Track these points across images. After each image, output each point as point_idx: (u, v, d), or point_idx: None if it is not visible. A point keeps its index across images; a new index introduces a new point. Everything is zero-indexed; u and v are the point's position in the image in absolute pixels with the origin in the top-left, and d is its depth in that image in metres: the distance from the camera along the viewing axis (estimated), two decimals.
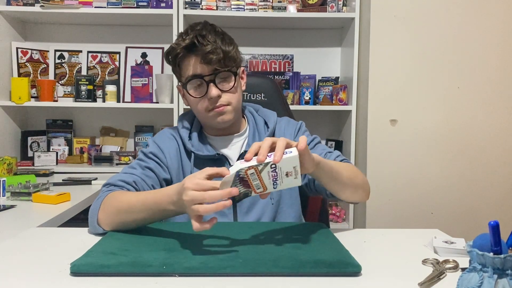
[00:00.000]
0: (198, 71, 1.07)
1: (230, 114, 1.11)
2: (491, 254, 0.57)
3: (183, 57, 1.08)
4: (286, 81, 2.51)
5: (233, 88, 1.10)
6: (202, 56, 1.05)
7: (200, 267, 0.75)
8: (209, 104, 1.08)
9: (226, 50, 1.07)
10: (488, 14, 2.16)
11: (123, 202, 0.95)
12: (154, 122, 2.60)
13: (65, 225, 1.31)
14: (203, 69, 1.07)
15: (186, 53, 1.07)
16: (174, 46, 1.09)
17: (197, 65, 1.07)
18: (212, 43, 1.05)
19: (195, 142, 1.14)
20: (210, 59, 1.05)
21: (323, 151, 1.15)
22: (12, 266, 0.78)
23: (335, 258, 0.79)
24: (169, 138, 1.16)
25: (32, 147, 2.49)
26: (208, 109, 1.09)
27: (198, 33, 1.06)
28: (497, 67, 2.18)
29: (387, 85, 2.18)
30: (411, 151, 2.20)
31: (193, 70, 1.07)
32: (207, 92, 1.07)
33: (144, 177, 1.07)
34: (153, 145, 1.14)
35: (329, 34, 2.63)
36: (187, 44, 1.06)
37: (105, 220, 0.97)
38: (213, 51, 1.05)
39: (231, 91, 1.10)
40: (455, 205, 2.21)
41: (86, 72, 2.57)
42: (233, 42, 1.13)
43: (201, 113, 1.12)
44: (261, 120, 1.21)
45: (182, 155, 1.14)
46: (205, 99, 1.08)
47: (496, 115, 2.19)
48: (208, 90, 1.07)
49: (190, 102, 1.13)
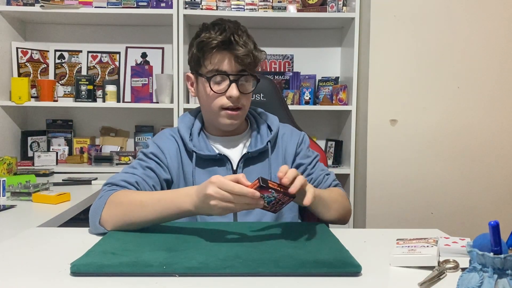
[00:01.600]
0: (226, 68, 1.08)
1: (240, 118, 1.13)
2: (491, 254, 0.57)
3: (215, 50, 1.07)
4: (286, 81, 2.51)
5: (251, 93, 1.13)
6: (236, 56, 1.06)
7: (200, 267, 0.75)
8: (227, 102, 1.09)
9: (257, 56, 1.10)
10: (488, 14, 2.16)
11: (135, 201, 0.95)
12: (154, 122, 2.60)
13: (65, 225, 1.31)
14: (231, 67, 1.08)
15: (220, 48, 1.07)
16: (209, 38, 1.07)
17: (227, 62, 1.07)
18: (248, 46, 1.08)
19: (196, 142, 1.14)
20: (243, 60, 1.07)
21: (322, 172, 1.20)
22: (12, 266, 0.78)
23: (335, 258, 0.79)
24: (168, 138, 1.15)
25: (32, 147, 2.49)
26: (223, 106, 1.09)
27: (234, 31, 1.08)
28: (497, 67, 2.18)
29: (387, 85, 2.19)
30: (411, 151, 2.20)
31: (222, 65, 1.08)
32: (228, 90, 1.08)
33: (145, 177, 1.07)
34: (153, 146, 1.14)
35: (329, 34, 2.63)
36: (223, 39, 1.06)
37: (110, 219, 0.96)
38: (247, 54, 1.07)
39: (248, 96, 1.12)
40: (455, 205, 2.21)
41: (86, 72, 2.57)
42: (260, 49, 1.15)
43: (212, 110, 1.11)
44: (263, 122, 1.21)
45: (183, 155, 1.14)
46: (223, 97, 1.09)
47: (496, 115, 2.19)
48: (230, 89, 1.08)
49: (204, 95, 1.12)
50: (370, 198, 2.22)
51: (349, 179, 2.38)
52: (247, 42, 1.08)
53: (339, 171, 2.40)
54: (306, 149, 1.22)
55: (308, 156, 1.21)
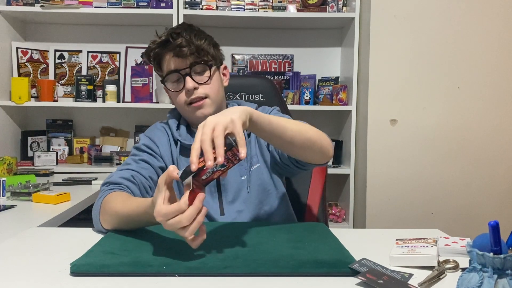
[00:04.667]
0: (174, 66, 1.11)
1: (209, 107, 1.13)
2: (491, 254, 0.57)
3: (159, 55, 1.13)
4: (286, 81, 2.51)
5: (209, 80, 1.12)
6: (176, 51, 1.09)
7: (200, 267, 0.75)
8: (187, 96, 1.11)
9: (198, 44, 1.11)
10: (488, 14, 2.16)
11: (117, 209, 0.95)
12: (154, 122, 2.52)
13: (65, 225, 1.31)
14: (179, 63, 1.11)
15: (162, 50, 1.12)
16: (150, 45, 1.14)
17: (172, 60, 1.11)
18: (185, 38, 1.09)
19: (183, 132, 1.17)
20: (183, 52, 1.09)
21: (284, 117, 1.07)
22: (12, 266, 0.78)
23: (335, 258, 0.79)
24: (159, 129, 1.20)
25: (32, 147, 2.49)
26: (186, 102, 1.12)
27: (172, 30, 1.12)
28: (497, 67, 2.18)
29: (387, 85, 2.19)
30: (411, 151, 2.20)
31: (170, 65, 1.12)
32: (184, 85, 1.10)
33: (140, 169, 1.09)
34: (144, 138, 1.18)
35: (329, 34, 2.63)
36: (161, 41, 1.11)
37: (105, 222, 0.99)
38: (185, 45, 1.09)
39: (207, 83, 1.12)
40: (455, 205, 2.21)
41: (86, 72, 2.57)
42: (207, 37, 1.16)
43: (181, 108, 1.15)
44: None
45: (172, 146, 1.17)
46: (183, 93, 1.12)
47: (496, 115, 2.19)
48: (185, 83, 1.10)
49: (171, 98, 1.17)
50: (370, 198, 2.22)
51: (349, 179, 2.38)
52: (186, 34, 1.10)
53: (339, 171, 2.40)
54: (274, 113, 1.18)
55: None
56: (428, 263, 0.79)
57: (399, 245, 0.86)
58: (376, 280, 0.70)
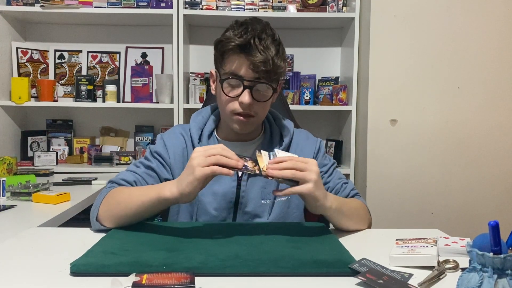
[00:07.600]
0: (241, 72, 1.02)
1: (252, 126, 1.09)
2: (491, 254, 0.57)
3: (231, 50, 1.02)
4: (286, 81, 2.51)
5: (267, 102, 1.07)
6: (252, 62, 1.00)
7: (200, 267, 0.75)
8: (238, 108, 1.04)
9: (277, 65, 1.03)
10: (488, 14, 2.16)
11: (125, 194, 0.99)
12: (154, 122, 2.60)
13: (65, 225, 1.32)
14: (247, 72, 1.02)
15: (237, 50, 1.02)
16: (229, 38, 1.03)
17: (242, 66, 1.02)
18: (267, 53, 1.00)
19: (205, 143, 1.11)
20: (258, 67, 1.00)
21: (340, 181, 1.16)
22: (12, 266, 0.78)
23: (335, 258, 0.79)
24: (177, 136, 1.14)
25: (32, 147, 2.49)
26: (234, 112, 1.05)
27: (256, 34, 1.01)
28: (497, 67, 2.18)
29: (387, 85, 2.19)
30: (411, 151, 2.20)
31: (237, 69, 1.02)
32: (241, 95, 1.03)
33: (146, 176, 1.08)
34: (159, 143, 1.14)
35: (329, 34, 2.63)
36: (241, 42, 1.01)
37: (106, 213, 0.98)
38: (265, 62, 1.00)
39: (263, 104, 1.06)
40: (455, 205, 2.21)
41: (86, 72, 2.57)
42: (285, 58, 1.09)
43: (225, 112, 1.08)
44: (277, 130, 1.17)
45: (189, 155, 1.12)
46: (236, 102, 1.04)
47: (496, 115, 2.19)
48: (242, 95, 1.03)
49: (219, 96, 1.09)
50: (370, 198, 2.22)
51: (349, 179, 2.38)
52: (268, 47, 1.01)
53: None
54: (322, 157, 1.18)
55: (324, 164, 1.17)
56: (428, 263, 0.79)
57: (399, 245, 0.86)
58: (376, 280, 0.70)
